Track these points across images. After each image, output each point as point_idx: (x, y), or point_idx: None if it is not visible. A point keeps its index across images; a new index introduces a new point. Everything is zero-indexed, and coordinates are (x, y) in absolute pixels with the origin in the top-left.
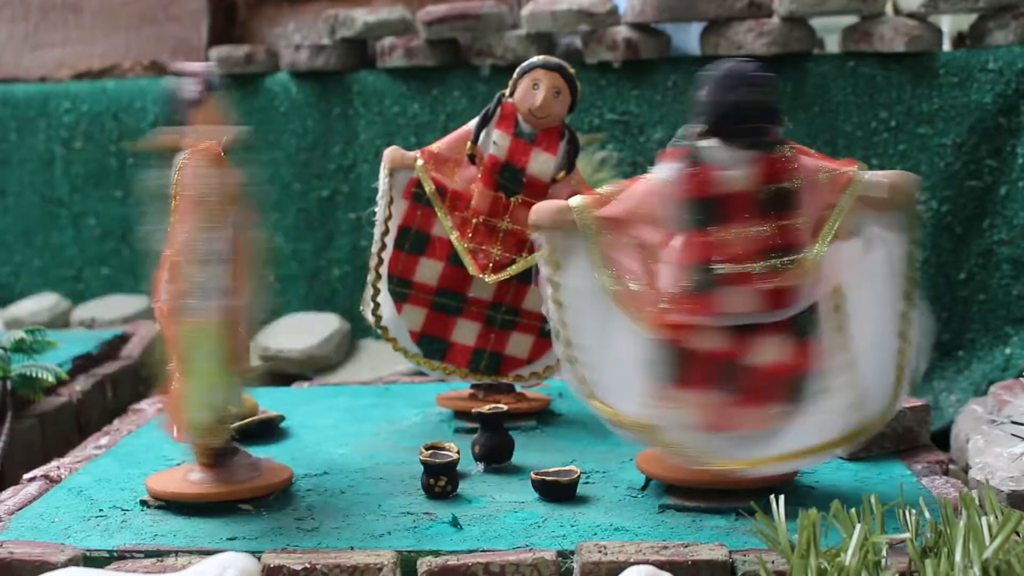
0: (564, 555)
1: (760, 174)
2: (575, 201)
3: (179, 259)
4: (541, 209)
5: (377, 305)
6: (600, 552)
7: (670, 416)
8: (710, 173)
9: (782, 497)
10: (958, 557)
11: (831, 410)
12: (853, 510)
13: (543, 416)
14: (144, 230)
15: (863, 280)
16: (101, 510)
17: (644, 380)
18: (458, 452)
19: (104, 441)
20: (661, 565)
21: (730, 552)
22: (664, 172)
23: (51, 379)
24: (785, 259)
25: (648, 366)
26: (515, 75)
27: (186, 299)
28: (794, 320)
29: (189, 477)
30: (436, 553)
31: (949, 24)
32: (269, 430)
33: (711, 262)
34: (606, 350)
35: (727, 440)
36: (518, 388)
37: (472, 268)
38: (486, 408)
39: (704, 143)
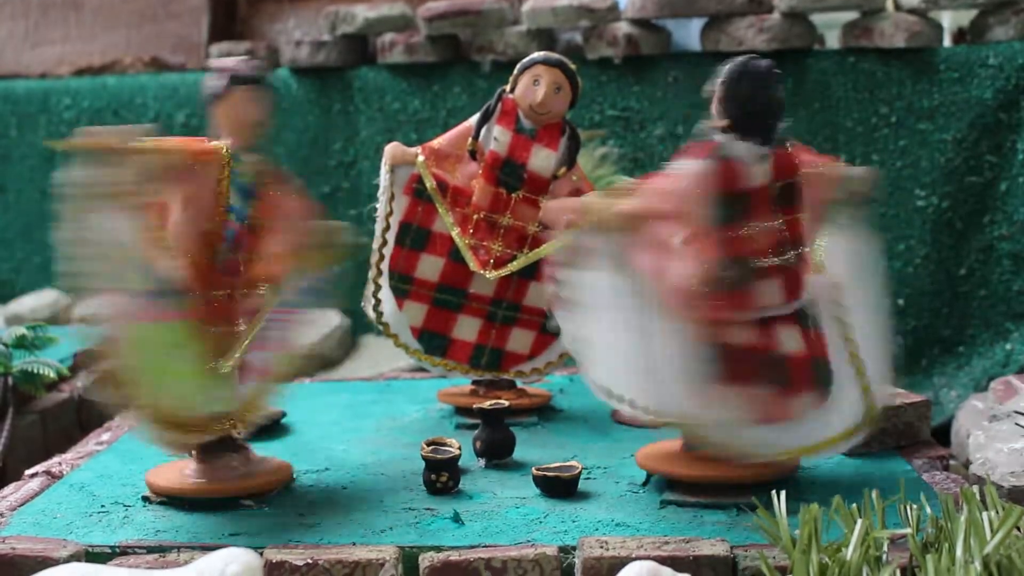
0: (566, 551)
1: (774, 170)
2: (590, 199)
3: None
4: (553, 208)
5: (378, 301)
6: (602, 548)
7: (717, 414)
8: (738, 168)
9: (783, 492)
10: (959, 552)
11: (845, 398)
12: (854, 505)
13: (544, 412)
14: (59, 229)
15: (852, 272)
16: (103, 506)
17: (684, 379)
18: (459, 448)
19: (106, 437)
20: (663, 561)
21: (731, 547)
22: (690, 167)
23: (52, 375)
24: (794, 252)
25: (689, 365)
26: (516, 71)
27: (152, 296)
28: (797, 312)
29: (185, 473)
30: (438, 549)
31: (949, 20)
32: (270, 426)
33: (745, 257)
34: (630, 350)
35: (772, 432)
36: (519, 384)
37: (473, 264)
38: (487, 404)
39: (727, 138)
